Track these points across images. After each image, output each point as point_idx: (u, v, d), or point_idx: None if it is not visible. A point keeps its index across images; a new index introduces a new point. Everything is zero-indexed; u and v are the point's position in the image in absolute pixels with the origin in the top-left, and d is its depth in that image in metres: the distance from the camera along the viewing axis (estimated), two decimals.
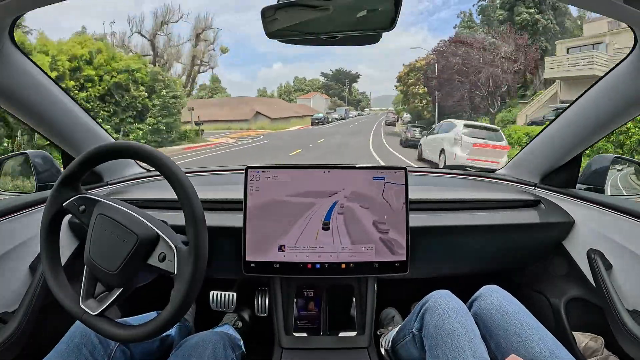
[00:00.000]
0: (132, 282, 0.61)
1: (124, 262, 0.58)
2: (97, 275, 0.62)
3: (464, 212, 0.97)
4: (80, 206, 0.64)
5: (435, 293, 0.76)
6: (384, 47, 35.20)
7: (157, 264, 0.59)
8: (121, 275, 0.59)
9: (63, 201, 0.64)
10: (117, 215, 0.61)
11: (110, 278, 0.60)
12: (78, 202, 0.64)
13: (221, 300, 0.98)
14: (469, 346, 0.64)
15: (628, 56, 0.72)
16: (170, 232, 0.62)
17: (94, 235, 0.61)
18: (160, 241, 0.60)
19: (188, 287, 0.57)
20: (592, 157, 1.08)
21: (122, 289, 0.60)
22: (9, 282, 0.79)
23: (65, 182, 0.65)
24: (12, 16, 0.63)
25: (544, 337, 0.66)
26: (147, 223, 0.61)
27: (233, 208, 0.90)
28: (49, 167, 1.06)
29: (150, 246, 0.60)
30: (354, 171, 0.88)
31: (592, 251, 0.88)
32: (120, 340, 0.61)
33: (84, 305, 0.61)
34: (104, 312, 0.60)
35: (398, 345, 0.82)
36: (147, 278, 0.66)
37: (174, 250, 0.59)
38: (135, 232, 0.59)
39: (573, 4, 0.62)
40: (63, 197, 0.64)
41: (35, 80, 0.78)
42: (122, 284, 0.60)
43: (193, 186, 0.60)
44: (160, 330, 0.58)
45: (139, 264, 0.59)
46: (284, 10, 0.55)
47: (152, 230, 0.60)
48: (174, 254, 0.59)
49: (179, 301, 0.57)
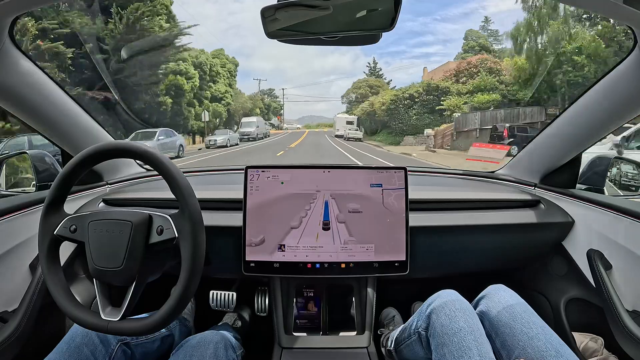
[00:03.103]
0: (141, 275, 0.62)
1: (127, 252, 0.59)
2: (106, 281, 0.62)
3: (464, 212, 0.97)
4: (70, 227, 0.64)
5: (442, 292, 0.76)
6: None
7: (159, 238, 0.61)
8: (129, 269, 0.60)
9: (53, 230, 0.65)
10: (106, 215, 0.63)
11: (120, 275, 0.60)
12: (67, 225, 0.65)
13: (221, 299, 0.97)
14: (475, 345, 0.64)
15: (628, 56, 0.72)
16: (160, 210, 0.64)
17: (91, 242, 0.62)
18: (153, 217, 0.62)
19: (193, 241, 0.59)
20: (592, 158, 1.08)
21: (134, 284, 0.61)
22: (9, 281, 0.79)
23: (49, 210, 0.65)
24: (12, 16, 0.63)
25: (549, 336, 0.66)
26: (137, 210, 0.63)
27: (233, 207, 0.90)
28: (49, 167, 1.06)
29: (146, 226, 0.61)
30: (353, 171, 0.87)
31: (591, 251, 0.88)
32: (151, 330, 0.61)
33: (105, 316, 0.61)
34: (126, 315, 0.61)
35: (402, 345, 0.82)
36: (155, 270, 0.67)
37: (168, 217, 0.61)
38: (128, 219, 0.61)
39: (573, 4, 0.62)
40: (52, 226, 0.65)
41: (35, 79, 0.78)
42: (133, 278, 0.61)
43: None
44: (184, 301, 0.59)
45: (142, 248, 0.61)
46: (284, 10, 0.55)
47: (143, 213, 0.62)
48: (169, 220, 0.61)
49: (190, 259, 0.59)
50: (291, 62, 34.37)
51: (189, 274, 0.59)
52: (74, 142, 0.95)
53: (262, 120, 24.24)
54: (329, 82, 38.26)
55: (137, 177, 1.19)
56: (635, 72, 0.71)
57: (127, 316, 0.61)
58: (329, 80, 36.92)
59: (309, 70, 35.94)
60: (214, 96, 20.46)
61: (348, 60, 36.45)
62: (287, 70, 34.51)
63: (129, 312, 0.61)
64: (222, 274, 1.00)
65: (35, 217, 0.82)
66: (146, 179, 1.19)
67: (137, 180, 1.18)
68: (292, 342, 0.90)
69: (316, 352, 0.88)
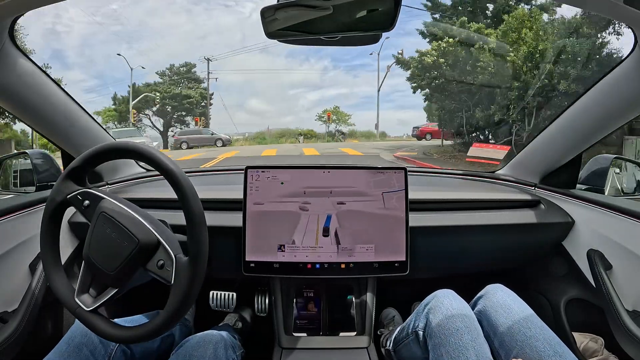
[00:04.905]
0: (127, 284, 0.61)
1: (122, 264, 0.58)
2: (93, 273, 0.62)
3: (464, 212, 0.97)
4: (84, 201, 0.63)
5: (439, 292, 0.76)
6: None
7: (155, 271, 0.59)
8: (118, 277, 0.59)
9: (68, 193, 0.64)
10: (119, 217, 0.60)
11: (107, 278, 0.60)
12: (82, 197, 0.64)
13: (221, 300, 0.97)
14: (472, 345, 0.64)
15: (628, 56, 0.72)
16: (171, 239, 0.61)
17: (95, 233, 0.61)
18: (160, 248, 0.59)
19: (183, 298, 0.56)
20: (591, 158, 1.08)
21: (116, 289, 0.61)
22: (9, 281, 0.79)
23: (71, 175, 0.65)
24: (12, 16, 0.63)
25: (548, 336, 0.66)
26: (149, 227, 0.60)
27: (233, 208, 0.90)
28: (49, 167, 1.06)
29: (149, 252, 0.59)
30: (354, 171, 0.87)
31: (592, 251, 0.88)
32: (112, 340, 0.61)
33: (78, 300, 0.61)
34: (97, 309, 0.60)
35: (400, 345, 0.82)
36: (142, 280, 0.66)
37: (173, 259, 0.58)
38: (137, 236, 0.58)
39: (573, 4, 0.62)
40: (69, 189, 0.64)
41: (35, 80, 0.78)
42: (118, 285, 0.60)
43: (193, 186, 0.60)
44: (152, 334, 0.58)
45: (137, 268, 0.59)
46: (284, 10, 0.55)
47: (153, 236, 0.59)
48: (173, 263, 0.58)
49: (173, 310, 0.57)
50: (260, 75, 32.85)
51: (165, 317, 0.57)
52: (74, 142, 0.95)
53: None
54: (296, 95, 36.25)
55: (137, 177, 1.19)
56: (635, 72, 0.71)
57: (98, 311, 0.60)
58: (296, 93, 35.43)
59: (277, 82, 34.22)
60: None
61: (316, 73, 35.52)
62: (255, 83, 32.87)
63: (100, 308, 0.61)
64: (222, 274, 1.00)
65: (35, 217, 0.83)
66: (146, 179, 1.19)
67: (137, 180, 1.18)
68: (292, 342, 0.90)
69: (316, 352, 0.88)
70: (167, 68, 19.99)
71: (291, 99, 36.20)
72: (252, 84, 33.95)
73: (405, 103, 35.28)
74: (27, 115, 0.83)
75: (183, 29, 31.32)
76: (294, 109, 35.13)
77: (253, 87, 34.36)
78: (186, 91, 19.21)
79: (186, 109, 19.28)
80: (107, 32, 26.63)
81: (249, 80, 33.39)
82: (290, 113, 34.85)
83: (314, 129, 21.81)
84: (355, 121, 25.11)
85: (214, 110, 20.42)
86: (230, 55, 29.47)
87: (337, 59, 35.55)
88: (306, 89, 37.56)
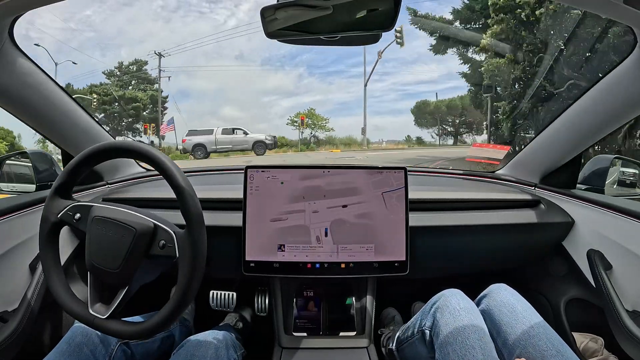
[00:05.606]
0: (136, 280, 0.62)
1: (125, 257, 0.59)
2: (100, 278, 0.62)
3: (464, 212, 0.97)
4: (75, 215, 0.64)
5: (446, 291, 0.76)
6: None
7: (159, 252, 0.60)
8: (124, 273, 0.59)
9: (59, 211, 0.64)
10: (112, 214, 0.61)
11: (114, 277, 0.60)
12: (73, 211, 0.64)
13: (221, 299, 0.97)
14: (479, 344, 0.64)
15: (628, 56, 0.72)
16: (166, 221, 0.63)
17: (92, 238, 0.62)
18: (158, 230, 0.61)
19: (192, 267, 0.57)
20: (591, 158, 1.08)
21: (127, 287, 0.61)
22: (9, 281, 0.79)
23: (57, 193, 0.65)
24: (12, 16, 0.63)
25: (550, 335, 0.66)
26: (142, 216, 0.62)
27: (233, 207, 0.90)
28: (49, 167, 1.06)
29: (149, 237, 0.60)
30: (354, 171, 0.88)
31: (592, 251, 0.88)
32: (136, 337, 0.61)
33: (93, 311, 0.61)
34: (114, 314, 0.61)
35: (405, 344, 0.82)
36: (151, 275, 0.66)
37: (173, 235, 0.60)
38: (132, 226, 0.59)
39: (573, 4, 0.62)
40: (58, 207, 0.65)
41: (35, 80, 0.78)
42: (127, 282, 0.61)
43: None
44: (173, 316, 0.59)
45: (141, 257, 0.60)
46: (284, 10, 0.55)
47: (149, 222, 0.61)
48: (174, 239, 0.60)
49: (186, 283, 0.58)
50: (233, 82, 32.13)
51: (180, 295, 0.58)
52: (74, 142, 0.95)
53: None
54: (270, 102, 35.53)
55: (137, 177, 1.19)
56: (635, 72, 0.71)
57: (116, 316, 0.60)
58: (270, 100, 34.70)
59: (252, 89, 33.42)
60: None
61: (291, 81, 34.91)
62: (228, 90, 32.18)
63: (118, 312, 0.61)
64: (222, 274, 1.00)
65: (36, 217, 0.82)
66: (146, 179, 1.19)
67: (137, 180, 1.18)
68: (292, 342, 0.90)
69: (316, 352, 0.88)
70: (115, 67, 17.44)
71: (265, 106, 35.68)
72: (225, 91, 33.33)
73: (380, 109, 34.29)
74: (27, 115, 0.83)
75: (159, 36, 30.44)
76: (267, 116, 34.71)
77: (225, 94, 33.70)
78: (133, 93, 16.72)
79: (132, 115, 16.54)
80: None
81: (222, 89, 32.83)
82: (264, 120, 34.37)
83: (285, 136, 19.12)
84: (333, 126, 22.97)
85: (187, 116, 18.27)
86: (203, 64, 27.81)
87: (312, 66, 34.94)
88: (280, 96, 37.00)
